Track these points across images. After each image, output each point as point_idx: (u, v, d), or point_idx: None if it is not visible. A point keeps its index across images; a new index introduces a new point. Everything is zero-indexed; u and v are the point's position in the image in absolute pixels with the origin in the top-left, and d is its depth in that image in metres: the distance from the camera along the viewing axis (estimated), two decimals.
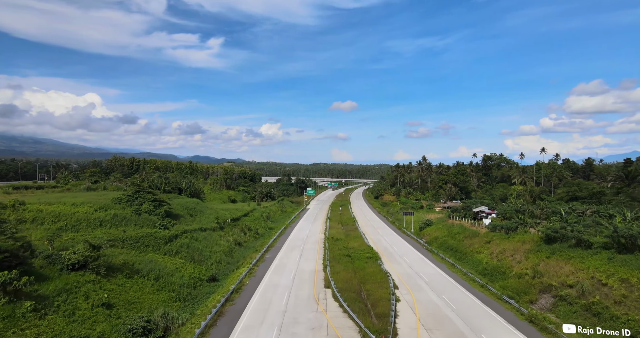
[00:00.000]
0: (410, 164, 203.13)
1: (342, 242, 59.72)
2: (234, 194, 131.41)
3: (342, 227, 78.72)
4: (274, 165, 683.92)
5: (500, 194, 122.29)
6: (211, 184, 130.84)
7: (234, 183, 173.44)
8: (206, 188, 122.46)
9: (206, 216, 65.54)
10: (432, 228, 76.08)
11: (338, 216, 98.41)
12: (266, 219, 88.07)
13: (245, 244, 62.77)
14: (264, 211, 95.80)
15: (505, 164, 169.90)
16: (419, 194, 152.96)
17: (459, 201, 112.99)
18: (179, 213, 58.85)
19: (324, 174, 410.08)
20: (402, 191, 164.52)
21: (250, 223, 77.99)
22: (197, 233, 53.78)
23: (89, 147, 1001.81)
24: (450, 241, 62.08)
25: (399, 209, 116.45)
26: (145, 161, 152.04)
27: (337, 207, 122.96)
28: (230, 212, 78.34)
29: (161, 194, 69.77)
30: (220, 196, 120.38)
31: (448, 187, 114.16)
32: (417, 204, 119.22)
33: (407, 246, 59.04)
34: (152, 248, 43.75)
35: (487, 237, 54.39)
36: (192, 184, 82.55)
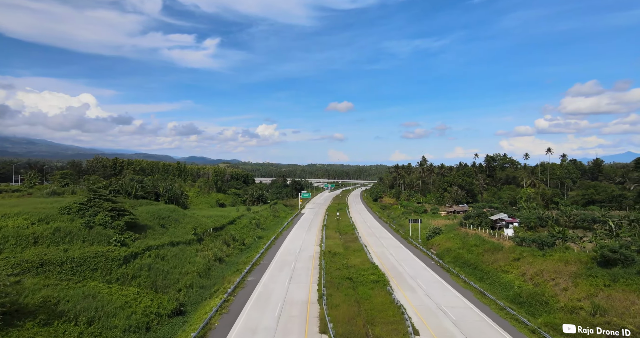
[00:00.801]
0: (410, 165, 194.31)
1: (341, 258, 50.21)
2: (223, 197, 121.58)
3: (341, 237, 69.28)
4: (270, 166, 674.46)
5: (508, 197, 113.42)
6: (199, 186, 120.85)
7: (225, 185, 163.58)
8: (192, 191, 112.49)
9: (182, 227, 55.78)
10: (441, 238, 66.83)
11: (335, 223, 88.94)
12: (255, 227, 78.42)
13: (227, 259, 53.13)
14: (254, 217, 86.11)
15: (510, 165, 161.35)
16: (421, 197, 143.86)
17: (466, 205, 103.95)
18: (147, 224, 49.02)
19: (320, 175, 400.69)
20: (402, 193, 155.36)
21: (237, 233, 68.33)
22: (165, 249, 44.03)
23: (83, 148, 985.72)
24: (466, 255, 52.82)
25: (401, 214, 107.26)
26: (129, 161, 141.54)
27: (334, 211, 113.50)
28: (213, 220, 68.62)
29: (130, 200, 59.93)
30: (207, 199, 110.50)
31: (454, 190, 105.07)
32: (420, 208, 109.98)
33: (418, 263, 49.55)
34: (100, 272, 34.02)
35: (514, 253, 45.15)
36: (171, 188, 72.69)
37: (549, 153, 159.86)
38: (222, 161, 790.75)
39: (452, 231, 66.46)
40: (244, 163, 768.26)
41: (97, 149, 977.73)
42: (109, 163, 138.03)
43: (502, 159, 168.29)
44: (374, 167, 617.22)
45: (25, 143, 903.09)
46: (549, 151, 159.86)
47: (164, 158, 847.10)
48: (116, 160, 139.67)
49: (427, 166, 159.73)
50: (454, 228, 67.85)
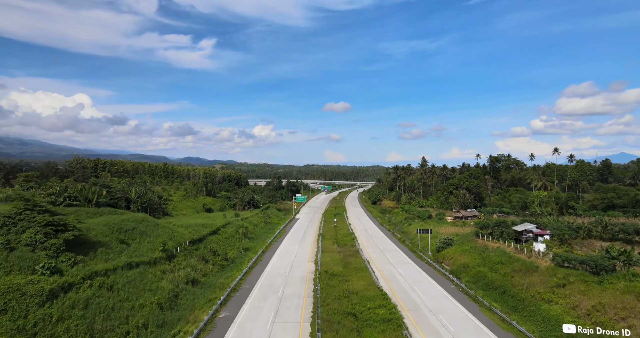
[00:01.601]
0: (410, 166, 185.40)
1: (340, 280, 40.79)
2: (211, 201, 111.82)
3: (339, 249, 59.94)
4: (266, 167, 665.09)
5: (518, 200, 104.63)
6: (185, 189, 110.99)
7: (216, 187, 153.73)
8: (177, 195, 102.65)
9: (150, 241, 46.16)
10: (454, 250, 57.68)
11: (333, 231, 79.55)
12: (242, 236, 68.86)
13: (204, 280, 43.59)
14: (242, 224, 76.51)
15: (515, 166, 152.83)
16: (422, 200, 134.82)
17: (474, 210, 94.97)
18: (100, 241, 39.36)
19: (317, 176, 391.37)
20: (402, 196, 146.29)
21: (219, 245, 58.76)
22: (118, 273, 34.41)
23: (78, 148, 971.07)
24: (489, 275, 43.65)
25: (404, 220, 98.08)
26: (112, 162, 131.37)
27: (331, 216, 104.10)
28: (192, 230, 59.03)
29: (90, 209, 50.19)
30: (194, 204, 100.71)
31: (462, 193, 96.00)
32: (424, 213, 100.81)
33: (435, 289, 40.06)
34: (11, 315, 24.43)
35: (555, 276, 36.01)
36: (144, 193, 62.91)
37: (555, 153, 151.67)
38: (218, 162, 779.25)
39: (467, 243, 57.33)
40: (241, 163, 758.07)
41: (91, 150, 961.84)
42: (89, 164, 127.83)
43: (507, 159, 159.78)
44: (370, 168, 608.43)
45: (18, 144, 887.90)
46: (556, 152, 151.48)
47: (160, 158, 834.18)
48: (97, 161, 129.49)
49: (429, 167, 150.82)
50: (469, 239, 58.71)
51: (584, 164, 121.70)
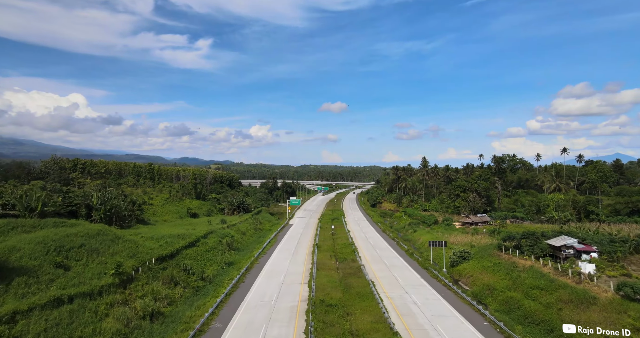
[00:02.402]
0: (410, 167, 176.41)
1: (339, 314, 31.39)
2: (198, 205, 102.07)
3: (338, 264, 50.57)
4: (263, 167, 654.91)
5: (530, 203, 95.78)
6: (170, 192, 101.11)
7: (206, 189, 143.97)
8: (159, 199, 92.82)
9: (101, 262, 36.56)
10: (472, 266, 48.57)
11: (330, 240, 70.17)
12: (227, 247, 59.35)
13: (168, 311, 34.13)
14: (227, 233, 66.98)
15: (521, 167, 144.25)
16: (425, 203, 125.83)
17: (485, 215, 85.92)
18: (25, 266, 29.74)
19: (313, 176, 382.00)
20: (403, 198, 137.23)
21: (196, 260, 49.23)
22: (34, 316, 24.82)
23: (73, 148, 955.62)
24: (526, 304, 34.48)
25: (407, 225, 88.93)
26: (92, 162, 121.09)
27: (328, 222, 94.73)
28: (165, 243, 49.45)
29: (30, 220, 40.42)
30: (177, 209, 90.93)
31: (472, 197, 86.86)
32: (430, 218, 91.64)
33: (465, 328, 30.64)
34: None
35: (628, 315, 26.88)
36: (110, 199, 53.16)
37: (564, 153, 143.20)
38: (214, 162, 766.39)
39: (488, 258, 48.17)
40: (237, 164, 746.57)
41: (87, 150, 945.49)
42: (68, 164, 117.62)
43: (512, 160, 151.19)
44: (368, 168, 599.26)
45: (12, 144, 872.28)
46: (565, 152, 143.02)
47: (156, 159, 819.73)
48: (76, 161, 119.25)
49: (431, 167, 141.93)
50: (490, 253, 49.54)
51: (603, 166, 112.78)
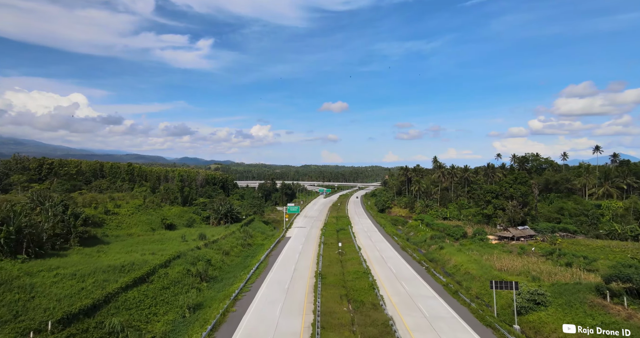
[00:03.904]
0: (419, 166, 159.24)
1: None
2: (178, 213, 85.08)
3: (352, 314, 33.50)
4: (263, 167, 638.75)
5: (574, 211, 78.54)
6: (144, 198, 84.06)
7: (195, 192, 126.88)
8: (129, 206, 75.81)
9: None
10: (554, 318, 31.52)
11: (337, 264, 53.01)
12: (198, 279, 42.44)
13: None
14: (203, 255, 50.01)
15: (549, 167, 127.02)
16: (442, 209, 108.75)
17: (527, 227, 68.68)
18: None
19: (314, 177, 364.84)
20: (416, 202, 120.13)
21: (137, 311, 32.29)
22: None
23: (73, 148, 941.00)
24: None
25: (430, 239, 71.81)
26: (61, 162, 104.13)
27: (332, 234, 77.71)
28: (91, 285, 32.56)
29: None
30: (150, 219, 73.92)
31: (511, 205, 69.54)
32: (456, 230, 74.50)
33: None
34: None
35: None
36: (18, 216, 36.20)
37: (596, 152, 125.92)
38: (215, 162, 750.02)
39: (580, 306, 31.14)
40: (238, 164, 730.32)
41: (87, 150, 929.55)
42: (33, 165, 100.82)
43: (535, 159, 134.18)
44: (369, 168, 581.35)
45: (12, 143, 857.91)
46: (597, 150, 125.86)
47: (156, 159, 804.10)
48: (43, 161, 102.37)
49: (447, 168, 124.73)
50: (583, 300, 32.49)
51: None
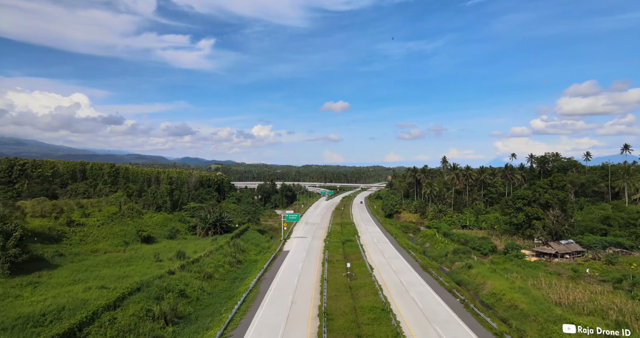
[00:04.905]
0: (426, 167, 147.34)
1: None
2: (161, 221, 73.65)
3: None
4: (264, 167, 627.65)
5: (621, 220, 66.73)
6: (120, 204, 72.46)
7: (187, 196, 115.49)
8: (101, 215, 64.34)
9: None
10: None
11: (346, 292, 41.44)
12: (161, 323, 30.96)
13: None
14: (175, 284, 38.52)
15: (572, 168, 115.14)
16: (456, 214, 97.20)
17: (572, 241, 56.99)
18: None
19: (315, 177, 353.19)
20: (428, 207, 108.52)
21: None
22: None
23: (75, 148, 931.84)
24: None
25: (452, 254, 60.22)
26: (34, 163, 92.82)
27: (337, 247, 66.07)
28: None
29: None
30: (124, 229, 62.47)
31: (553, 215, 57.85)
32: (484, 244, 62.87)
33: None
34: None
35: None
36: None
37: (626, 151, 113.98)
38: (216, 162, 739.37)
39: None
40: (239, 164, 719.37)
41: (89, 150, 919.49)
42: (3, 166, 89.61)
43: (556, 159, 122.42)
44: (371, 168, 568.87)
45: (13, 144, 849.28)
46: (626, 149, 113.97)
47: (158, 159, 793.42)
48: (14, 161, 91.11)
49: (462, 169, 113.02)
50: None
51: None
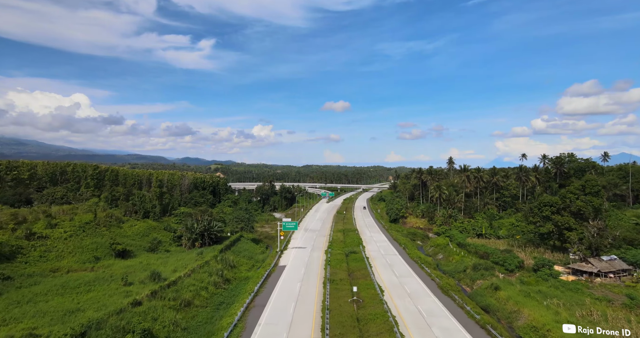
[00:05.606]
0: (432, 168, 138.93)
1: None
2: (144, 230, 65.51)
3: None
4: (264, 167, 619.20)
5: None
6: (95, 212, 64.07)
7: (179, 199, 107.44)
8: (71, 225, 56.14)
9: None
10: None
11: (353, 324, 33.27)
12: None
13: None
14: (146, 315, 30.31)
15: (591, 170, 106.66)
16: (467, 220, 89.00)
17: (615, 257, 48.71)
18: None
19: (316, 178, 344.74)
20: (437, 212, 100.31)
21: None
22: None
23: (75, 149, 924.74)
24: None
25: (471, 270, 52.09)
26: (10, 165, 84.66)
27: (340, 261, 57.69)
28: None
29: None
30: (97, 242, 54.26)
31: (595, 226, 49.54)
32: (509, 259, 54.61)
33: None
34: None
35: None
36: None
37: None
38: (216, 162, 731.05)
39: None
40: (239, 164, 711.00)
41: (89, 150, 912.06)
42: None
43: (573, 159, 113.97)
44: (372, 168, 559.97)
45: (14, 144, 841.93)
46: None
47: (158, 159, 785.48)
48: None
49: (472, 170, 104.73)
50: None
51: None
